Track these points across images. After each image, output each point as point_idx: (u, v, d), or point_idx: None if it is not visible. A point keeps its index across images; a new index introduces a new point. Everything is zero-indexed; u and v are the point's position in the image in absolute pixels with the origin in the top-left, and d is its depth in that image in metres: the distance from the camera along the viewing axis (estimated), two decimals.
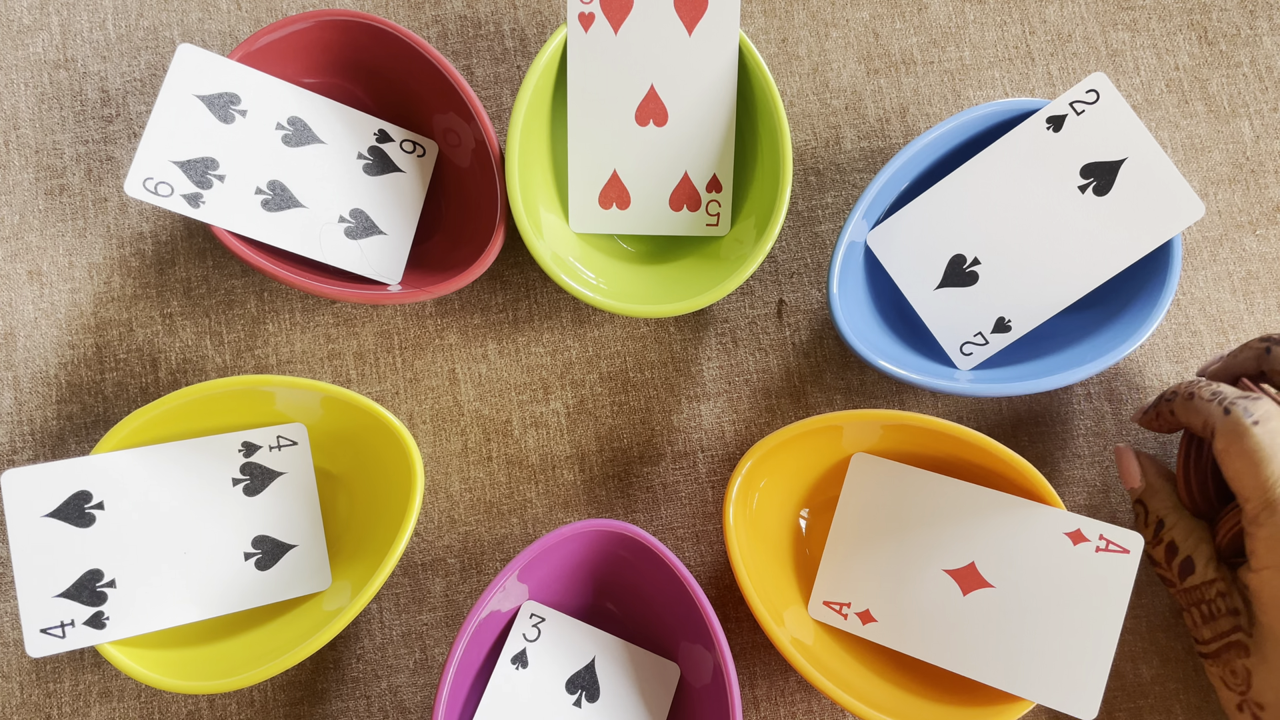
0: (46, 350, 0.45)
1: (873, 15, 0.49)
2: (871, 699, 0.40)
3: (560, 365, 0.46)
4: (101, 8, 0.47)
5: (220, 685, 0.38)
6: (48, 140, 0.46)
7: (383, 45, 0.43)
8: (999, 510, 0.41)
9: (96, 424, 0.45)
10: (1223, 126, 0.49)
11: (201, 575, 0.40)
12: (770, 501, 0.43)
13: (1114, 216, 0.42)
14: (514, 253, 0.47)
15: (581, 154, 0.44)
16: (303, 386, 0.40)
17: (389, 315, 0.46)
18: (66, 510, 0.39)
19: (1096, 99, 0.42)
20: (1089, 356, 0.41)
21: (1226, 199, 0.48)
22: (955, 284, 0.43)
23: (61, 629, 0.38)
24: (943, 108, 0.48)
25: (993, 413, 0.46)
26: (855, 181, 0.48)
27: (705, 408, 0.46)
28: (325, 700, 0.44)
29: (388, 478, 0.41)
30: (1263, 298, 0.47)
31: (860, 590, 0.42)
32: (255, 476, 0.42)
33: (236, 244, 0.41)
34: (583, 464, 0.46)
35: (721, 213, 0.45)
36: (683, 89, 0.43)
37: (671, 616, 0.41)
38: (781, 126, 0.42)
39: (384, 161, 0.45)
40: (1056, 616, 0.39)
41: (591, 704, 0.40)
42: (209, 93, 0.41)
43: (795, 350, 0.47)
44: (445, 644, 0.44)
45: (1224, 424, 0.38)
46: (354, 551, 0.42)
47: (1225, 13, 0.50)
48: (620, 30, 0.43)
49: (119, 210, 0.46)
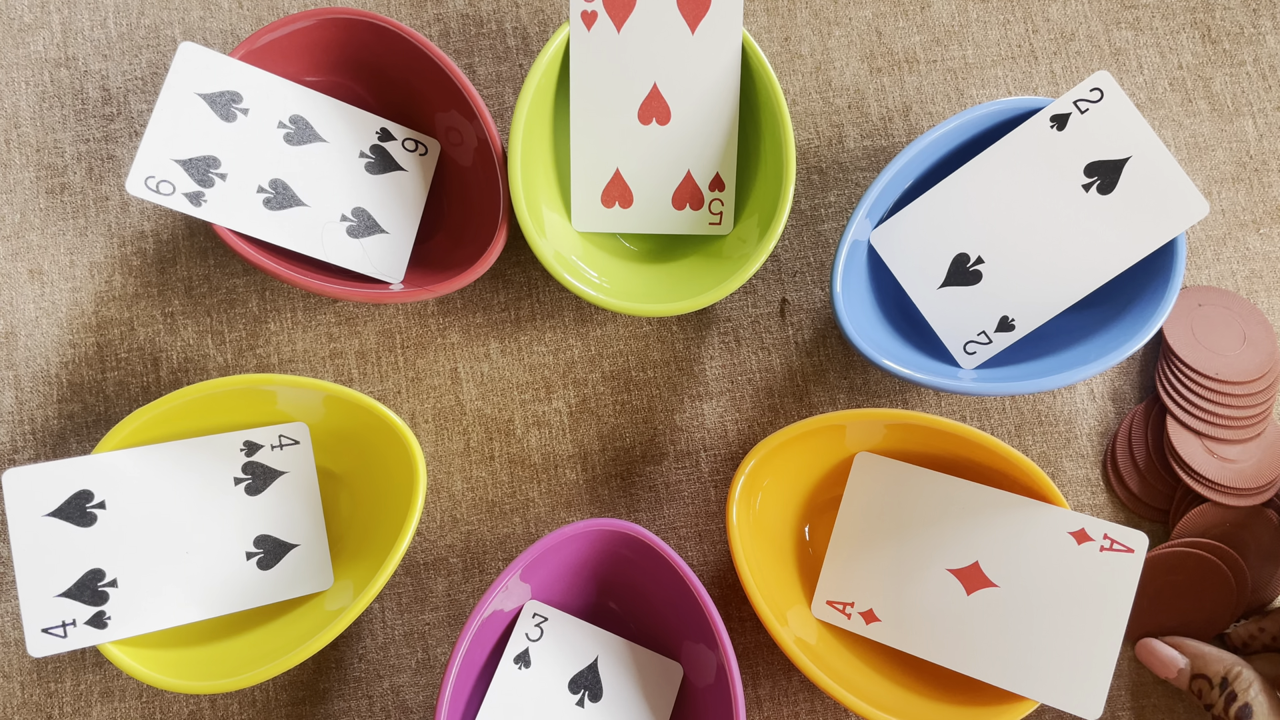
0: (48, 349, 0.45)
1: (875, 14, 0.49)
2: (875, 699, 0.40)
3: (563, 364, 0.46)
4: (103, 6, 0.47)
5: (222, 685, 0.38)
6: (49, 139, 0.46)
7: (385, 43, 0.43)
8: (1003, 510, 0.41)
9: (98, 423, 0.45)
10: (1226, 125, 0.49)
11: (203, 575, 0.40)
12: (773, 501, 0.43)
13: (1118, 215, 0.42)
14: (516, 251, 0.47)
15: (584, 152, 0.44)
16: (305, 385, 0.40)
17: (391, 314, 0.46)
18: (68, 510, 0.39)
19: (1100, 97, 0.42)
20: (1093, 355, 0.41)
21: (1230, 198, 0.48)
22: (959, 283, 0.43)
23: (63, 628, 0.38)
24: (946, 106, 0.48)
25: (996, 412, 0.46)
26: (858, 180, 0.48)
27: (708, 407, 0.46)
28: (327, 700, 0.43)
29: (390, 477, 0.41)
30: (1266, 296, 0.47)
31: (864, 590, 0.42)
32: (257, 476, 0.42)
33: (238, 242, 0.41)
34: (585, 463, 0.45)
35: (724, 211, 0.45)
36: (685, 87, 0.43)
37: (674, 616, 0.41)
38: (784, 125, 0.42)
39: (386, 160, 0.44)
40: (1060, 616, 0.39)
41: (594, 704, 0.40)
42: (211, 91, 0.41)
43: (798, 349, 0.47)
44: (448, 644, 0.44)
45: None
46: (356, 551, 0.42)
47: (1229, 11, 0.49)
48: (623, 29, 0.43)
49: (120, 209, 0.46)
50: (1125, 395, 0.46)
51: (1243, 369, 0.44)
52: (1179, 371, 0.45)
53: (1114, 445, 0.46)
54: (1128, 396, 0.46)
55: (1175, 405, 0.44)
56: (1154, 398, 0.46)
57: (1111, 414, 0.46)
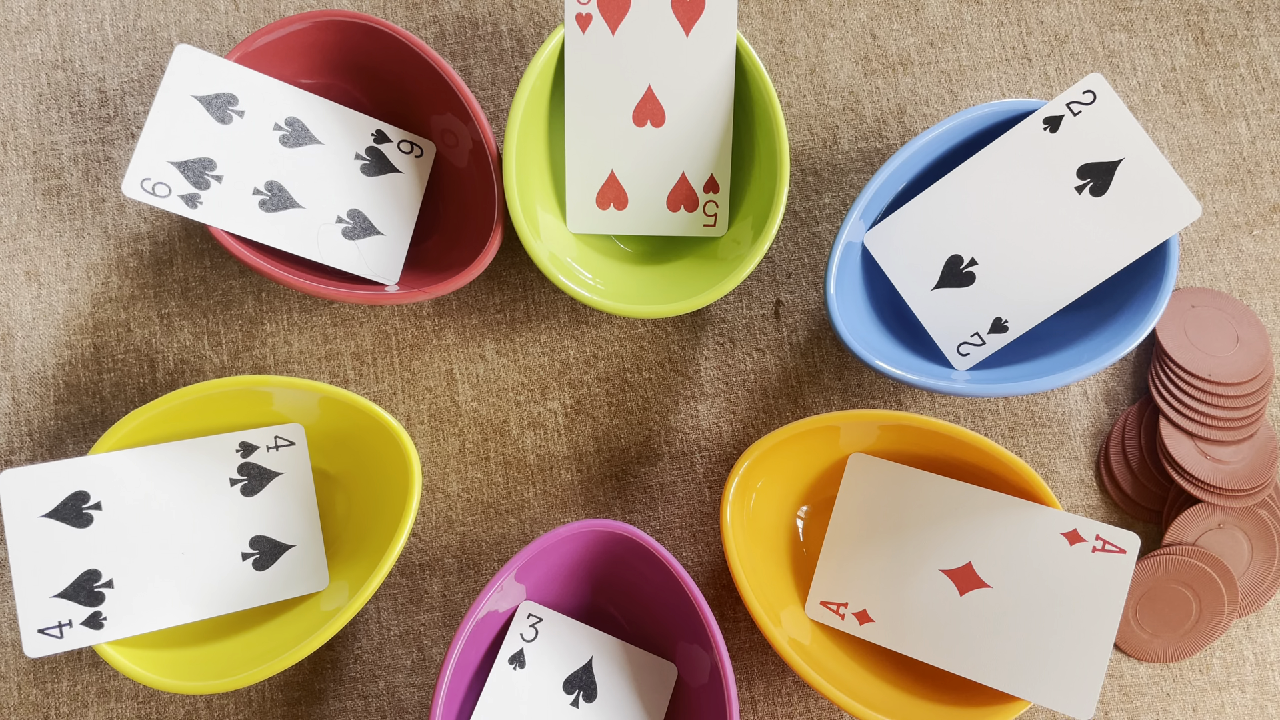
0: (44, 351, 0.45)
1: (870, 16, 0.49)
2: (868, 699, 0.40)
3: (558, 365, 0.46)
4: (99, 8, 0.47)
5: (218, 685, 0.38)
6: (45, 141, 0.46)
7: (380, 46, 0.43)
8: (996, 510, 0.41)
9: (94, 424, 0.45)
10: (1219, 127, 0.49)
11: (199, 575, 0.40)
12: (768, 502, 0.43)
13: (1111, 217, 0.42)
14: (511, 253, 0.47)
15: (579, 154, 0.44)
16: (300, 387, 0.40)
17: (386, 316, 0.46)
18: (64, 510, 0.39)
19: (1093, 100, 0.42)
20: (1086, 357, 0.41)
21: (1223, 199, 0.48)
22: (952, 284, 0.43)
23: (59, 629, 0.38)
24: (940, 108, 0.48)
25: (990, 413, 0.46)
26: (852, 182, 0.48)
27: (703, 408, 0.46)
28: (323, 700, 0.44)
29: (385, 478, 0.41)
30: (1259, 298, 0.47)
31: (857, 590, 0.42)
32: (253, 477, 0.42)
33: (234, 244, 0.41)
34: (580, 464, 0.46)
35: (719, 213, 0.45)
36: (680, 89, 0.43)
37: (669, 617, 0.41)
38: (779, 127, 0.42)
39: (382, 162, 0.45)
40: (1053, 616, 0.39)
41: (589, 704, 0.40)
42: (207, 93, 0.41)
43: (792, 350, 0.47)
44: (443, 644, 0.44)
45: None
46: (352, 552, 0.42)
47: (1222, 14, 0.50)
48: (618, 31, 0.43)
49: (116, 211, 0.46)
50: (1118, 396, 0.47)
51: (1235, 370, 0.45)
52: (1172, 373, 0.45)
53: (1107, 446, 0.46)
54: (1121, 397, 0.47)
55: (1168, 406, 0.45)
56: (1147, 399, 0.46)
57: (1105, 415, 0.46)
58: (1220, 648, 0.45)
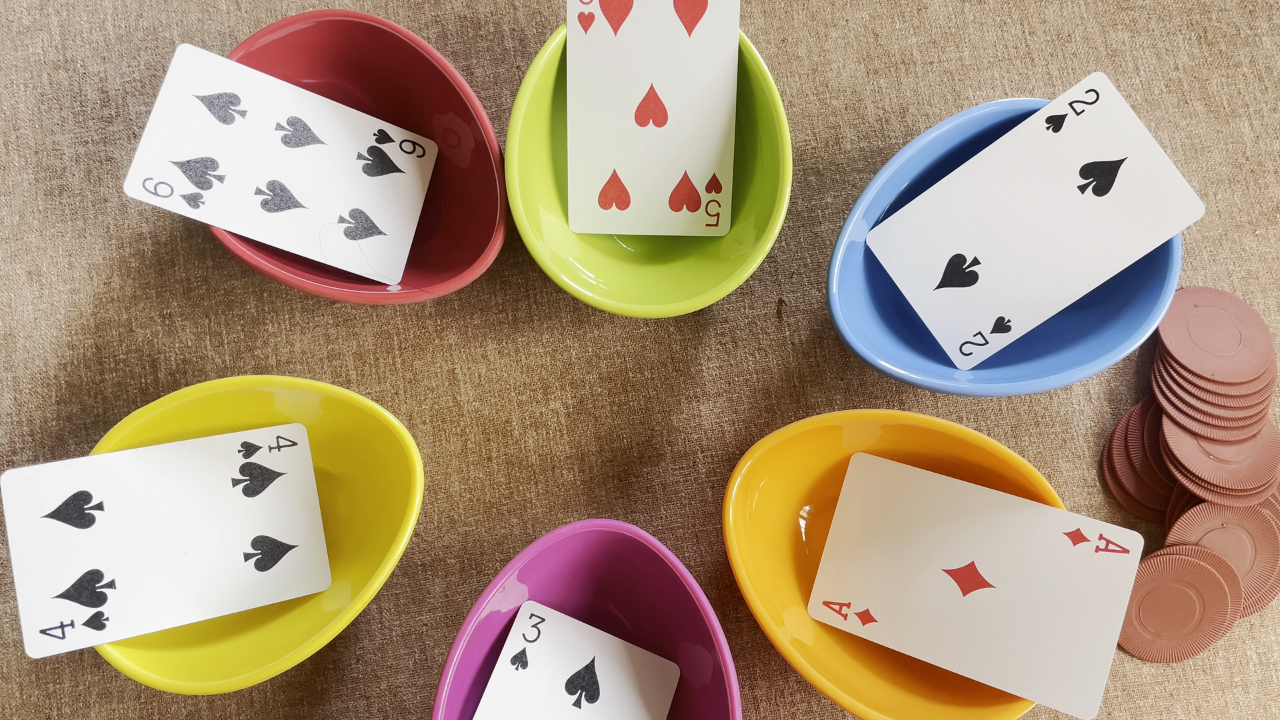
0: (46, 351, 0.45)
1: (872, 15, 0.49)
2: (871, 699, 0.40)
3: (560, 365, 0.46)
4: (101, 8, 0.47)
5: (220, 686, 0.38)
6: (47, 141, 0.46)
7: (382, 46, 0.43)
8: (999, 510, 0.41)
9: (96, 424, 0.45)
10: (1222, 126, 0.49)
11: (201, 576, 0.40)
12: (770, 501, 0.43)
13: (1113, 216, 0.42)
14: (513, 253, 0.47)
15: (581, 154, 0.44)
16: (302, 387, 0.40)
17: (388, 316, 0.46)
18: (66, 511, 0.39)
19: (1096, 99, 0.42)
20: (1089, 356, 0.41)
21: (1226, 199, 0.48)
22: (955, 284, 0.43)
23: (61, 630, 0.38)
24: (942, 108, 0.48)
25: (992, 413, 0.46)
26: (855, 181, 0.48)
27: (705, 408, 0.46)
28: (325, 701, 0.44)
29: (387, 478, 0.41)
30: (1262, 297, 0.47)
31: (860, 590, 0.42)
32: (255, 477, 0.42)
33: (236, 244, 0.41)
34: (582, 464, 0.46)
35: (721, 213, 0.45)
36: (682, 89, 0.43)
37: (671, 617, 0.41)
38: (781, 126, 0.42)
39: (384, 162, 0.45)
40: (1056, 616, 0.39)
41: (591, 704, 0.40)
42: (209, 93, 0.41)
43: (795, 350, 0.47)
44: (445, 644, 0.44)
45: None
46: (354, 552, 0.42)
47: (1225, 13, 0.50)
48: (620, 30, 0.43)
49: (119, 211, 0.46)
50: (1121, 396, 0.47)
51: (1239, 370, 0.44)
52: (1175, 372, 0.45)
53: (1110, 446, 0.46)
54: (1124, 397, 0.47)
55: (1171, 406, 0.45)
56: (1150, 398, 0.46)
57: (1108, 415, 0.46)
58: (1223, 648, 0.45)
